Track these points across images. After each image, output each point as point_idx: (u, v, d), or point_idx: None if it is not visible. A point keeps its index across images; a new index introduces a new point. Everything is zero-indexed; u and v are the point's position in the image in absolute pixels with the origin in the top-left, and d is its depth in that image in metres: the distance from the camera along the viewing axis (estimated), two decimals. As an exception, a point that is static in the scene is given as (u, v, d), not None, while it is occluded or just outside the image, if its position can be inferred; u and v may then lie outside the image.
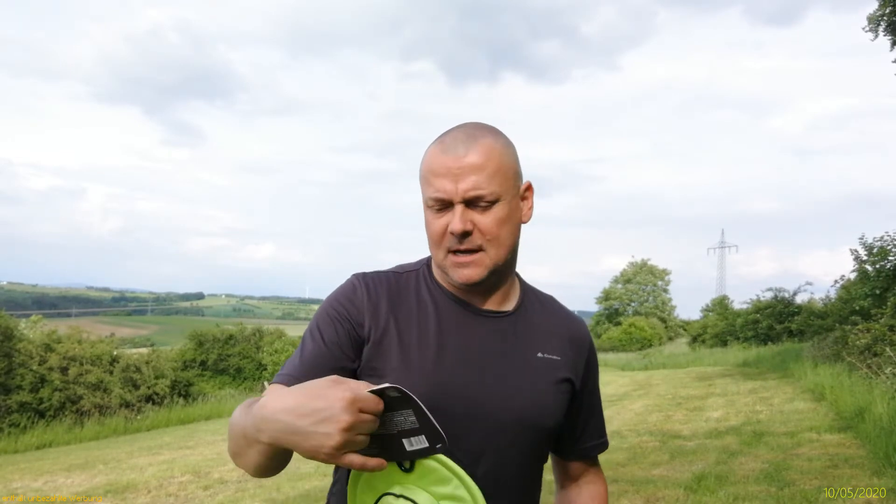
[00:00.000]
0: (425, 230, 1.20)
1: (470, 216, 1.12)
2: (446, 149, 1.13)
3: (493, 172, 1.12)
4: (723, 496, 4.91)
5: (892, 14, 12.12)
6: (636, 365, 24.32)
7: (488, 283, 1.17)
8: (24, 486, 7.48)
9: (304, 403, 0.89)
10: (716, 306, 41.40)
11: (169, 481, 7.02)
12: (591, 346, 1.31)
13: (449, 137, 1.15)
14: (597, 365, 1.33)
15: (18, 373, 16.84)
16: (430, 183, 1.14)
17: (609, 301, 53.80)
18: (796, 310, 26.10)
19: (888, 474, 5.07)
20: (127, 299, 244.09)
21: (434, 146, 1.17)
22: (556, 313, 1.28)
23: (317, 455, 0.89)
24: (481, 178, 1.11)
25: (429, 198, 1.14)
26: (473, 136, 1.14)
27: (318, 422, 0.87)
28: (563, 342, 1.24)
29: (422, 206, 1.24)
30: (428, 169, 1.15)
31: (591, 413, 1.30)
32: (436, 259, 1.18)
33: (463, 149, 1.12)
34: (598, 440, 1.32)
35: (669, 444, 7.27)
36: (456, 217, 1.11)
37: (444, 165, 1.12)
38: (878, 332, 10.39)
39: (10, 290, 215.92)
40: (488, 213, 1.12)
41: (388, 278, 1.22)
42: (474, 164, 1.11)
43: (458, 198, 1.11)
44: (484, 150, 1.12)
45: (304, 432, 0.89)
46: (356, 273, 1.23)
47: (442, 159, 1.13)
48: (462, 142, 1.13)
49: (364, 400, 0.89)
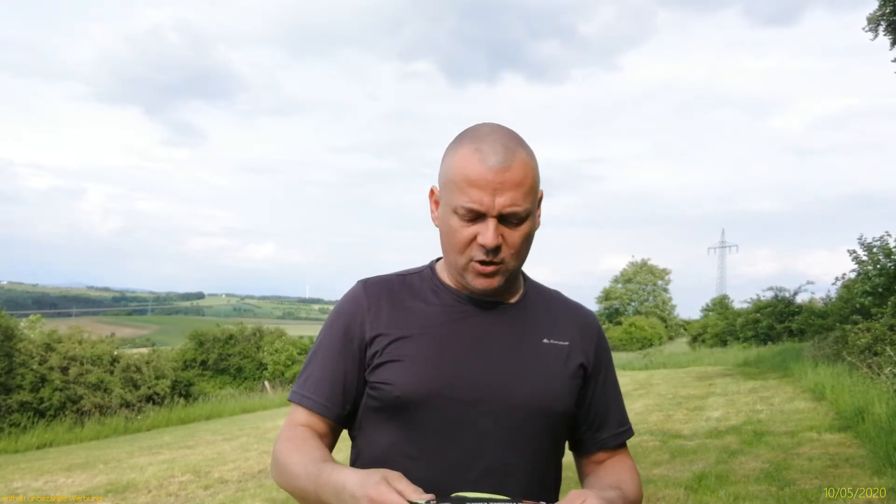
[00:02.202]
0: (445, 233, 1.18)
1: (501, 231, 1.12)
2: (485, 158, 1.10)
3: (528, 190, 1.12)
4: (723, 496, 4.91)
5: (892, 14, 12.13)
6: (636, 364, 24.29)
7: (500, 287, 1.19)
8: (24, 486, 7.48)
9: (343, 490, 0.98)
10: (716, 306, 41.47)
11: (169, 481, 7.02)
12: (601, 333, 1.30)
13: (486, 146, 1.11)
14: (608, 352, 1.31)
15: (19, 372, 16.85)
16: (463, 191, 1.11)
17: (609, 301, 53.86)
18: (797, 309, 26.07)
19: (888, 474, 5.07)
20: (127, 299, 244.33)
21: (468, 150, 1.13)
22: (562, 304, 1.30)
23: None
24: (518, 195, 1.11)
25: (461, 206, 1.11)
26: (511, 150, 1.12)
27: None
28: (570, 329, 1.24)
29: (429, 204, 1.24)
30: (463, 176, 1.11)
31: (609, 400, 1.28)
32: (454, 263, 1.18)
33: (504, 162, 1.10)
34: (620, 429, 1.29)
35: (670, 443, 7.27)
36: (490, 231, 1.10)
37: (484, 178, 1.09)
38: (878, 331, 10.38)
39: (10, 289, 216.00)
40: (518, 230, 1.13)
41: (391, 281, 1.25)
42: (514, 181, 1.10)
43: (493, 212, 1.10)
44: (522, 167, 1.11)
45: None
46: (360, 279, 1.26)
47: (481, 170, 1.10)
48: (502, 154, 1.10)
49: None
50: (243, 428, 12.40)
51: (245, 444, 9.71)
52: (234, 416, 16.72)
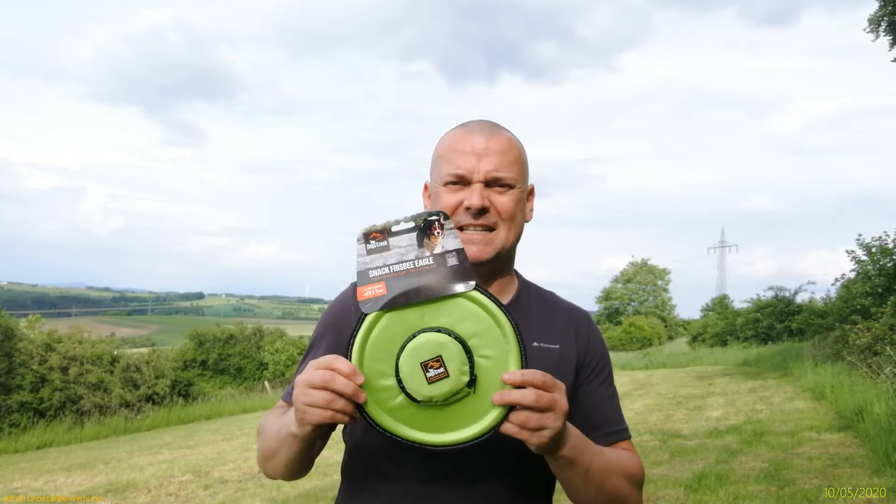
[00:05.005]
0: (429, 209, 1.19)
1: (488, 194, 1.16)
2: (471, 130, 1.20)
3: (513, 160, 1.19)
4: (723, 495, 4.91)
5: (892, 14, 12.14)
6: (636, 364, 24.29)
7: (491, 268, 1.19)
8: (24, 486, 7.48)
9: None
10: (716, 306, 41.51)
11: (169, 481, 7.02)
12: (596, 334, 1.28)
13: (473, 123, 1.22)
14: (605, 353, 1.28)
15: (19, 372, 16.85)
16: (449, 160, 1.18)
17: (609, 301, 53.84)
18: (797, 309, 26.05)
19: (888, 473, 5.06)
20: (127, 299, 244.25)
21: (455, 130, 1.23)
22: (556, 305, 1.28)
23: (303, 417, 0.97)
24: (503, 162, 1.17)
25: (447, 173, 1.18)
26: (497, 126, 1.23)
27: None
28: (563, 331, 1.23)
29: (423, 200, 1.27)
30: (449, 147, 1.20)
31: (603, 402, 1.24)
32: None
33: (488, 132, 1.19)
34: (613, 428, 1.24)
35: (670, 443, 7.27)
36: (475, 193, 1.15)
37: (469, 144, 1.18)
38: (878, 331, 10.38)
39: (10, 289, 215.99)
40: (505, 195, 1.17)
41: None
42: (498, 148, 1.18)
43: (479, 176, 1.16)
44: (507, 139, 1.21)
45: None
46: (354, 281, 1.24)
47: (467, 138, 1.19)
48: (487, 128, 1.21)
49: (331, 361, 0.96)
50: (243, 428, 12.38)
51: (245, 444, 9.70)
52: (234, 416, 16.70)
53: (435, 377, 0.96)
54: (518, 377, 0.94)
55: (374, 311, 1.00)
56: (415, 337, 0.98)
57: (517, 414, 0.94)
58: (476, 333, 0.98)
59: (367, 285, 1.01)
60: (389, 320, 1.00)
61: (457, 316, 0.99)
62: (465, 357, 0.97)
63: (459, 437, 0.98)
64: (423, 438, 0.99)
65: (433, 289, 1.00)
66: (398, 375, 0.97)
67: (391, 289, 1.00)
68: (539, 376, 0.95)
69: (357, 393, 0.94)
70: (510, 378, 0.95)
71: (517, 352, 0.99)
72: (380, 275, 1.01)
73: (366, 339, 1.00)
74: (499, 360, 0.98)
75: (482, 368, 0.98)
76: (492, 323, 0.99)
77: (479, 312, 1.00)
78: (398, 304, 0.99)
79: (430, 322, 0.99)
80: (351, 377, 0.94)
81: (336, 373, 0.94)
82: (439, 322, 0.99)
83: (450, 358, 0.96)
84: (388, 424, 0.99)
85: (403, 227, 1.03)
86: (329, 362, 0.95)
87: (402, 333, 0.99)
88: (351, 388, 0.93)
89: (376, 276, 1.01)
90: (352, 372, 0.95)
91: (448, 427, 0.99)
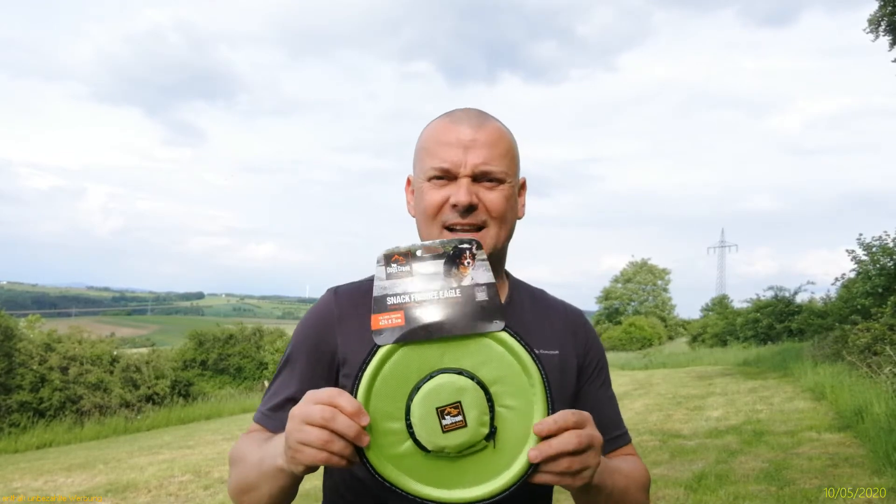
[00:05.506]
0: (414, 206, 1.13)
1: (476, 190, 1.07)
2: (457, 121, 1.10)
3: (503, 152, 1.09)
4: (723, 495, 4.91)
5: (892, 14, 12.15)
6: (636, 364, 24.30)
7: None
8: (24, 486, 7.48)
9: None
10: (716, 305, 41.50)
11: (169, 481, 7.02)
12: (592, 335, 1.21)
13: (458, 112, 1.12)
14: (602, 353, 1.22)
15: (19, 372, 16.86)
16: (433, 153, 1.08)
17: (609, 300, 53.82)
18: (797, 309, 26.05)
19: (888, 473, 5.07)
20: (127, 299, 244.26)
21: (440, 120, 1.13)
22: (550, 306, 1.20)
23: (295, 456, 0.86)
24: (492, 154, 1.07)
25: (431, 167, 1.08)
26: (485, 116, 1.12)
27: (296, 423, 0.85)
28: (561, 334, 1.16)
29: (405, 195, 1.18)
30: (433, 139, 1.10)
31: (603, 404, 1.18)
32: (428, 237, 1.10)
33: (476, 122, 1.09)
34: (615, 433, 1.18)
35: (670, 443, 7.27)
36: (462, 189, 1.05)
37: (455, 135, 1.08)
38: (878, 331, 10.39)
39: (10, 289, 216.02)
40: (495, 191, 1.08)
41: (365, 289, 1.11)
42: (487, 140, 1.08)
43: (466, 170, 1.06)
44: (496, 130, 1.10)
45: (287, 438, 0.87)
46: (329, 288, 1.16)
47: (452, 128, 1.09)
48: (475, 117, 1.10)
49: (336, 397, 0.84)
50: (243, 427, 12.36)
51: (245, 444, 9.70)
52: (234, 416, 16.70)
53: (451, 425, 0.86)
54: (552, 426, 0.85)
55: (388, 344, 0.89)
56: (432, 377, 0.88)
57: (558, 462, 0.85)
58: (500, 380, 0.89)
59: (384, 313, 0.90)
60: (405, 355, 0.89)
61: (481, 358, 0.90)
62: (487, 406, 0.87)
63: (473, 494, 0.88)
64: (430, 494, 0.89)
65: (458, 325, 0.89)
66: (408, 419, 0.87)
67: (410, 320, 0.89)
68: (570, 416, 0.86)
69: (359, 435, 0.83)
70: (543, 429, 0.85)
71: (544, 402, 0.89)
72: (399, 303, 0.90)
73: (376, 374, 0.89)
74: (522, 412, 0.89)
75: (503, 420, 0.89)
76: (518, 369, 0.90)
77: (505, 357, 0.90)
78: (417, 337, 0.89)
79: (450, 362, 0.89)
80: (355, 417, 0.83)
81: (338, 410, 0.83)
82: (461, 363, 0.89)
83: (470, 405, 0.87)
84: (390, 475, 0.88)
85: (430, 252, 0.92)
86: (331, 397, 0.84)
87: (418, 372, 0.89)
88: (353, 429, 0.82)
89: (395, 303, 0.90)
90: (356, 411, 0.83)
91: (459, 482, 0.89)
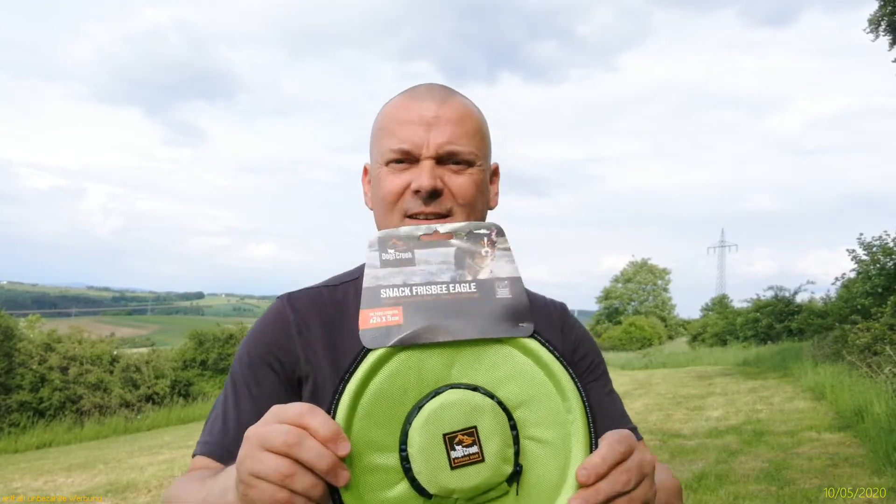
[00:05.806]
0: (370, 195, 0.99)
1: (440, 174, 0.91)
2: (418, 97, 0.95)
3: (471, 131, 0.94)
4: (723, 495, 4.91)
5: (892, 14, 12.16)
6: (636, 364, 24.31)
7: None
8: (24, 486, 7.47)
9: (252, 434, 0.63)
10: (716, 305, 41.47)
11: (169, 481, 7.01)
12: (579, 328, 1.08)
13: (421, 88, 0.97)
14: (594, 346, 1.09)
15: (18, 372, 16.85)
16: (392, 133, 0.93)
17: (609, 300, 53.82)
18: (797, 309, 26.07)
19: (888, 473, 5.07)
20: (127, 299, 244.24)
21: (399, 96, 0.98)
22: (532, 302, 1.03)
23: (247, 493, 0.60)
24: (459, 133, 0.92)
25: (389, 149, 0.93)
26: (450, 91, 0.98)
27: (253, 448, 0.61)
28: (549, 332, 1.03)
29: (362, 186, 1.04)
30: (392, 117, 0.94)
31: (604, 404, 1.03)
32: (386, 227, 0.94)
33: (440, 97, 0.94)
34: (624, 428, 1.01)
35: (670, 443, 7.27)
36: (424, 172, 0.90)
37: (416, 112, 0.92)
38: (878, 331, 10.39)
39: (10, 289, 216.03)
40: (463, 174, 0.93)
41: (320, 295, 0.98)
42: (452, 116, 0.93)
43: (429, 151, 0.91)
44: (462, 106, 0.95)
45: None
46: (281, 295, 0.99)
47: (413, 105, 0.94)
48: (438, 92, 0.96)
49: (314, 415, 0.60)
50: (243, 428, 12.39)
51: (245, 444, 9.71)
52: (234, 416, 16.71)
53: (464, 459, 0.62)
54: (601, 466, 0.62)
55: (381, 347, 0.66)
56: (438, 394, 0.65)
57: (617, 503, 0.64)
58: (526, 402, 0.67)
59: (376, 308, 0.67)
60: (402, 364, 0.66)
61: (501, 372, 0.67)
62: (511, 435, 0.65)
63: None
64: None
65: (472, 327, 0.67)
66: (404, 450, 0.63)
67: (410, 318, 0.67)
68: (617, 447, 0.64)
69: (334, 470, 0.59)
70: (591, 474, 0.61)
71: (586, 434, 0.66)
72: (396, 296, 0.68)
73: (362, 387, 0.65)
74: (557, 447, 0.66)
75: (531, 457, 0.66)
76: (551, 389, 0.67)
77: (533, 371, 0.67)
78: (419, 341, 0.66)
79: (460, 375, 0.67)
80: (329, 443, 0.59)
81: (307, 433, 0.59)
82: (475, 377, 0.67)
83: (489, 433, 0.63)
84: None
85: (438, 237, 0.72)
86: (300, 415, 0.60)
87: (419, 386, 0.66)
88: (327, 460, 0.58)
89: (391, 297, 0.68)
90: (331, 435, 0.59)
91: None
